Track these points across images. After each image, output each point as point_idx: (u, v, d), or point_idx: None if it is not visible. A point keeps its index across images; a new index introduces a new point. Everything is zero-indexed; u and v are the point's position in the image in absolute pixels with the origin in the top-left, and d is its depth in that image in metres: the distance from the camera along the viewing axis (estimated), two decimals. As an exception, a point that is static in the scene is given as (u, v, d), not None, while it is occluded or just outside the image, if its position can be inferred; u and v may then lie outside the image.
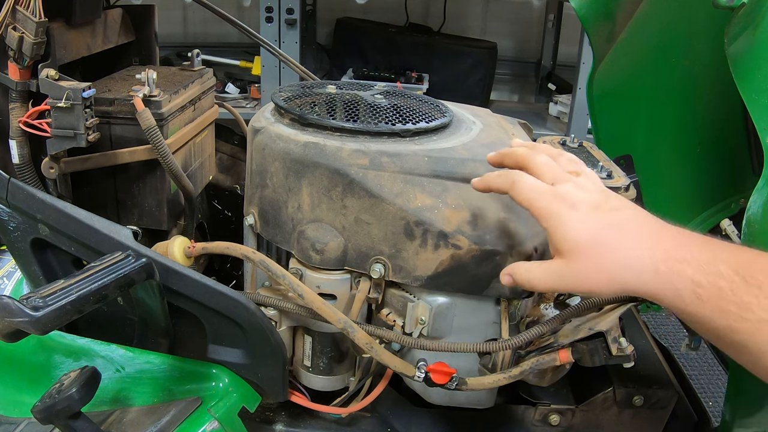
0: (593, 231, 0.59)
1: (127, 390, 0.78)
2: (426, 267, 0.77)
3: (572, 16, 2.90)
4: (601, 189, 0.64)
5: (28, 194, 0.76)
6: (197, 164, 1.15)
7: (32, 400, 0.62)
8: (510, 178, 0.65)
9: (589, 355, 0.75)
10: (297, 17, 2.55)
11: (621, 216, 0.60)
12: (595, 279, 0.59)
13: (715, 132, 1.18)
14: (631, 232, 0.59)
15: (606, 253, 0.58)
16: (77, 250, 0.77)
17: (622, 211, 0.61)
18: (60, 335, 0.82)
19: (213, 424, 0.75)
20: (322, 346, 0.87)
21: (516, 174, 0.65)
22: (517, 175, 0.65)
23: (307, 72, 1.40)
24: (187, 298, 0.75)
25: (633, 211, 0.61)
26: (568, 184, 0.62)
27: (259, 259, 0.79)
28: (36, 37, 0.83)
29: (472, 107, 1.02)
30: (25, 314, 0.56)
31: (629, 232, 0.59)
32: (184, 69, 1.16)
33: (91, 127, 0.88)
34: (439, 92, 2.81)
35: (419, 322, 0.79)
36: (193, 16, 3.32)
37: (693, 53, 1.11)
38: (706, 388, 1.98)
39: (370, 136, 0.81)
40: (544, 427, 0.94)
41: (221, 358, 0.80)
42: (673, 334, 2.19)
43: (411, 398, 0.92)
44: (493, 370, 0.79)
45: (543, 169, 0.65)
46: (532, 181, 0.64)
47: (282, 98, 0.89)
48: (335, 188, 0.77)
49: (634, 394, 0.91)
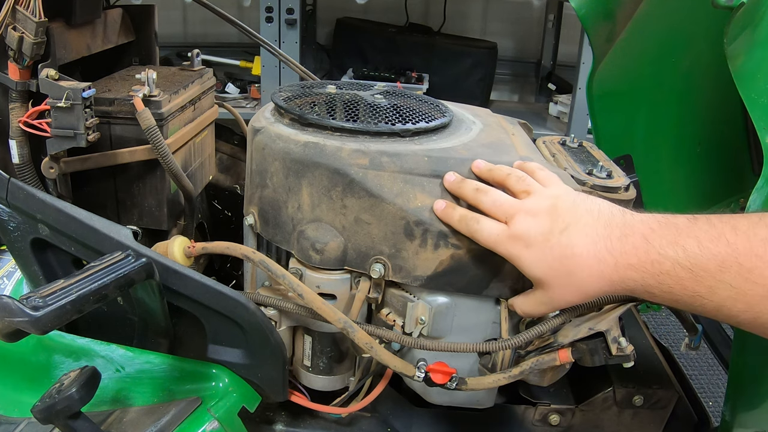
0: (549, 266, 0.67)
1: (127, 390, 0.78)
2: (426, 267, 0.77)
3: (572, 16, 2.90)
4: (551, 204, 0.68)
5: (28, 194, 0.76)
6: (197, 164, 1.15)
7: (32, 400, 0.62)
8: (470, 227, 0.72)
9: (589, 355, 0.75)
10: (297, 17, 2.55)
11: (569, 240, 0.65)
12: (570, 297, 0.68)
13: (715, 132, 1.18)
14: (580, 254, 0.65)
15: (567, 278, 0.66)
16: (77, 250, 0.77)
17: (569, 232, 0.66)
18: (60, 335, 0.82)
19: (213, 424, 0.75)
20: (322, 346, 0.87)
21: (473, 222, 0.72)
22: (474, 222, 0.72)
23: (307, 72, 1.40)
24: (187, 298, 0.75)
25: (579, 226, 0.66)
26: (519, 218, 0.69)
27: (259, 259, 0.79)
28: (36, 37, 0.83)
29: (472, 107, 1.02)
30: (25, 314, 0.56)
31: (578, 256, 0.65)
32: (184, 69, 1.16)
33: (91, 127, 0.88)
34: (439, 92, 2.82)
35: (419, 322, 0.79)
36: (193, 16, 3.32)
37: (693, 53, 1.11)
38: (706, 388, 1.98)
39: (370, 136, 0.81)
40: (544, 427, 0.94)
41: (221, 358, 0.80)
42: (673, 334, 2.19)
43: (411, 398, 0.92)
44: (493, 370, 0.79)
45: (494, 211, 0.71)
46: (488, 226, 0.71)
47: (282, 98, 0.89)
48: (335, 188, 0.77)
49: (634, 394, 0.91)
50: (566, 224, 0.66)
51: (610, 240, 0.64)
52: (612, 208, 0.67)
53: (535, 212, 0.68)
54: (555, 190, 0.71)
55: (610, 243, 0.63)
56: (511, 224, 0.69)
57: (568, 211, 0.67)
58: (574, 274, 0.65)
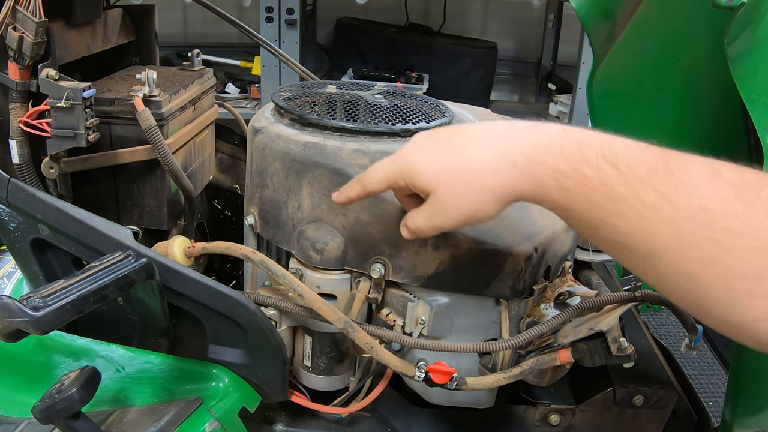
0: (439, 163, 0.58)
1: (127, 390, 0.78)
2: (426, 267, 0.77)
3: (572, 16, 2.90)
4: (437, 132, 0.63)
5: (28, 194, 0.76)
6: (197, 164, 1.15)
7: (32, 400, 0.62)
8: (357, 179, 0.67)
9: (589, 355, 0.75)
10: (297, 17, 2.55)
11: (466, 136, 0.59)
12: (465, 198, 0.57)
13: (715, 132, 1.18)
14: (478, 136, 0.57)
15: (462, 168, 0.57)
16: (77, 250, 0.77)
17: (465, 133, 0.59)
18: (60, 335, 0.82)
19: (213, 424, 0.75)
20: (322, 346, 0.87)
21: (362, 178, 0.66)
22: (364, 177, 0.66)
23: (307, 72, 1.40)
24: (187, 298, 0.75)
25: (478, 126, 0.59)
26: (404, 150, 0.62)
27: (259, 259, 0.79)
28: (36, 37, 0.83)
29: (472, 107, 1.02)
30: (25, 314, 0.56)
31: (476, 137, 0.57)
32: (184, 69, 1.16)
33: (91, 127, 0.88)
34: (439, 92, 2.81)
35: (419, 322, 0.79)
36: (193, 16, 3.32)
37: (693, 53, 1.11)
38: (706, 388, 1.98)
39: (370, 136, 0.81)
40: (544, 427, 0.94)
41: (221, 358, 0.80)
42: (673, 334, 2.19)
43: (411, 398, 0.92)
44: (493, 370, 0.79)
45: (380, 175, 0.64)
46: (375, 165, 0.65)
47: (282, 98, 0.89)
48: (335, 188, 0.77)
49: (634, 394, 0.91)
50: (461, 130, 0.60)
51: (515, 131, 0.56)
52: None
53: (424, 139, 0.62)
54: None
55: (516, 133, 0.56)
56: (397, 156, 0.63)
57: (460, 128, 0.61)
58: (469, 163, 0.57)
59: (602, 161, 0.50)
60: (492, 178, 0.55)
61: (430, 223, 0.61)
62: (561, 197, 0.53)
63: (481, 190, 0.56)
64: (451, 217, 0.59)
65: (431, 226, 0.62)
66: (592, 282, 0.91)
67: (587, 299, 0.81)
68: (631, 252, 0.50)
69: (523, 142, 0.54)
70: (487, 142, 0.56)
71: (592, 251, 0.92)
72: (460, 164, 0.57)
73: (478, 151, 0.56)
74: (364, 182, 0.65)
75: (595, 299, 0.80)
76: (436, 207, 0.60)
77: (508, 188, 0.55)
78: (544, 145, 0.53)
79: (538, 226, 0.78)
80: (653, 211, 0.48)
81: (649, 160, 0.49)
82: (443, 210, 0.59)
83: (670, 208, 0.47)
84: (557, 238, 0.79)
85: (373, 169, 0.65)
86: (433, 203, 0.60)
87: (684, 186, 0.47)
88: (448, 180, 0.58)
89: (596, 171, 0.50)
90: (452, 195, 0.58)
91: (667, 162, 0.49)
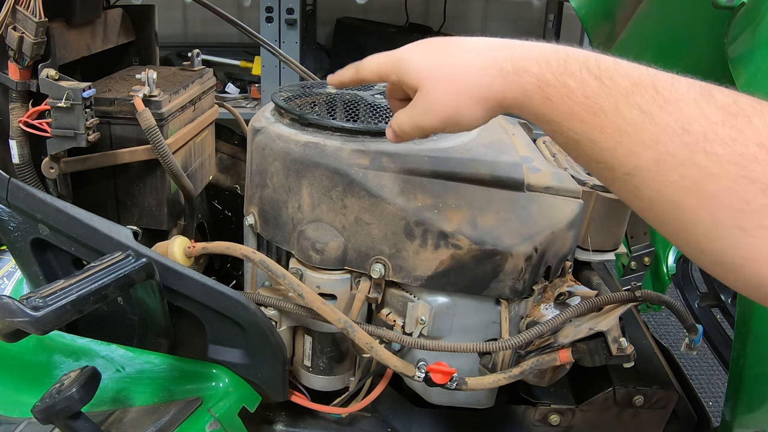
0: (429, 60, 0.59)
1: (127, 390, 0.78)
2: (426, 267, 0.77)
3: (572, 16, 2.90)
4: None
5: (28, 194, 0.76)
6: (197, 164, 1.15)
7: (32, 400, 0.62)
8: (352, 65, 0.67)
9: (589, 355, 0.75)
10: (297, 17, 2.55)
11: (458, 40, 0.59)
12: (449, 98, 0.57)
13: (715, 132, 1.18)
14: (471, 43, 0.58)
15: (449, 68, 0.57)
16: (77, 250, 0.77)
17: (459, 40, 0.59)
18: (60, 335, 0.82)
19: (213, 424, 0.75)
20: (322, 346, 0.87)
21: (358, 65, 0.66)
22: (360, 64, 0.66)
23: (307, 72, 1.40)
24: (187, 298, 0.75)
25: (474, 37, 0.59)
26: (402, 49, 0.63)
27: (259, 259, 0.79)
28: (36, 37, 0.83)
29: (472, 107, 1.02)
30: (25, 314, 0.56)
31: (469, 43, 0.58)
32: (184, 69, 1.16)
33: (91, 127, 0.88)
34: (439, 92, 2.81)
35: (419, 322, 0.79)
36: (193, 16, 3.32)
37: (693, 53, 1.11)
38: (706, 388, 1.98)
39: (370, 136, 0.81)
40: (544, 427, 0.93)
41: (221, 358, 0.80)
42: (673, 334, 2.19)
43: (411, 398, 0.92)
44: (493, 370, 0.79)
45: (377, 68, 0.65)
46: (371, 56, 0.65)
47: (282, 98, 0.89)
48: (335, 188, 0.77)
49: (634, 394, 0.91)
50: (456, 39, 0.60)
51: (506, 42, 0.56)
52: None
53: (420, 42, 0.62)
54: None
55: (507, 43, 0.56)
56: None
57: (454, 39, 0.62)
58: (457, 64, 0.57)
59: (586, 73, 0.49)
60: (476, 80, 0.55)
61: (412, 121, 0.61)
62: (544, 107, 0.52)
63: (464, 91, 0.56)
64: (432, 115, 0.59)
65: (413, 125, 0.61)
66: (592, 282, 0.91)
67: (587, 299, 0.81)
68: (611, 172, 0.49)
69: (512, 52, 0.54)
70: (478, 47, 0.57)
71: (592, 251, 0.92)
72: (448, 63, 0.57)
73: (467, 54, 0.57)
74: (359, 68, 0.66)
75: (595, 299, 0.80)
76: (420, 103, 0.59)
77: (491, 93, 0.55)
78: (531, 56, 0.53)
79: (538, 226, 0.77)
80: (634, 128, 0.46)
81: (634, 75, 0.48)
82: (426, 107, 0.59)
83: (651, 126, 0.45)
84: (557, 238, 0.79)
85: (368, 59, 0.65)
86: (418, 99, 0.60)
87: (669, 105, 0.45)
88: (433, 76, 0.58)
89: (579, 82, 0.49)
90: (436, 92, 0.58)
91: (655, 80, 0.47)
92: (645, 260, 1.29)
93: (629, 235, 1.27)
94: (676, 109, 0.45)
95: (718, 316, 1.38)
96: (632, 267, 1.28)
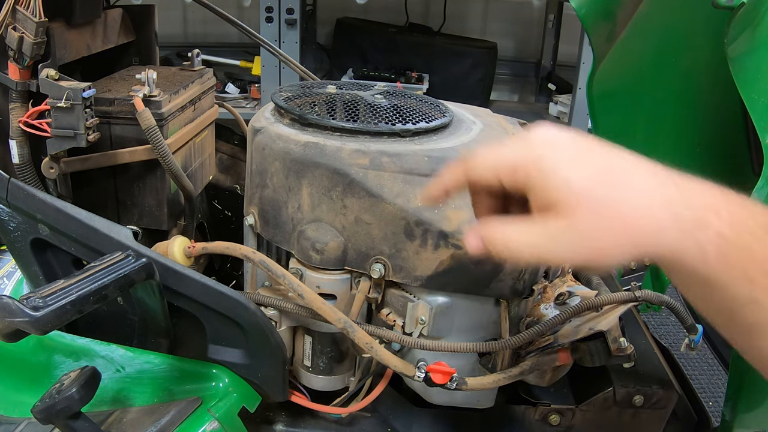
0: (596, 175, 0.44)
1: (127, 390, 0.78)
2: (426, 267, 0.77)
3: (572, 16, 2.90)
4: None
5: (28, 194, 0.76)
6: (197, 164, 1.15)
7: (32, 400, 0.62)
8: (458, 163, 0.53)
9: (589, 355, 0.75)
10: (297, 17, 2.55)
11: (614, 154, 0.46)
12: (602, 238, 0.44)
13: (715, 132, 1.18)
14: (638, 167, 0.45)
15: (617, 203, 0.44)
16: (77, 250, 0.77)
17: (612, 151, 0.47)
18: (60, 335, 0.82)
19: (213, 424, 0.75)
20: (322, 346, 0.87)
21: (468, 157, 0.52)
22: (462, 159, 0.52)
23: (307, 72, 1.40)
24: (187, 298, 0.75)
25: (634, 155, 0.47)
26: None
27: (259, 259, 0.79)
28: (36, 37, 0.83)
29: (472, 107, 1.02)
30: (25, 314, 0.56)
31: (637, 169, 0.45)
32: (184, 69, 1.16)
33: (91, 127, 0.88)
34: (439, 92, 2.82)
35: (419, 322, 0.79)
36: (193, 16, 3.32)
37: (693, 53, 1.11)
38: (706, 388, 1.98)
39: (370, 136, 0.81)
40: (544, 427, 0.93)
41: (221, 358, 0.80)
42: (673, 334, 2.19)
43: (411, 398, 0.92)
44: (493, 370, 0.79)
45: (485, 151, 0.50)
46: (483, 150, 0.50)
47: (282, 98, 0.89)
48: (335, 188, 0.77)
49: (634, 394, 0.91)
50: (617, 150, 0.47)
51: (670, 176, 0.45)
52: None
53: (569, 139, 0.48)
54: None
55: (670, 176, 0.45)
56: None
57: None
58: (626, 199, 0.44)
59: (765, 234, 0.42)
60: (645, 223, 0.43)
61: (532, 244, 0.46)
62: (716, 268, 0.43)
63: (630, 234, 0.44)
64: (575, 250, 0.45)
65: (533, 249, 0.46)
66: (592, 282, 0.91)
67: (587, 299, 0.81)
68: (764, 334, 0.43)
69: (686, 195, 0.44)
70: (646, 174, 0.45)
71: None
72: (616, 195, 0.44)
73: (638, 185, 0.44)
74: (469, 166, 0.51)
75: (595, 299, 0.80)
76: (559, 229, 0.45)
77: (661, 244, 0.44)
78: (711, 205, 0.43)
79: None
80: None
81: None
82: (570, 238, 0.45)
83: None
84: (557, 238, 0.79)
85: (482, 153, 0.50)
86: (557, 223, 0.45)
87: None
88: (594, 207, 0.44)
89: (761, 244, 0.42)
90: (592, 228, 0.44)
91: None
92: (645, 260, 1.29)
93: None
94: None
95: (718, 316, 1.38)
96: (632, 267, 1.28)
